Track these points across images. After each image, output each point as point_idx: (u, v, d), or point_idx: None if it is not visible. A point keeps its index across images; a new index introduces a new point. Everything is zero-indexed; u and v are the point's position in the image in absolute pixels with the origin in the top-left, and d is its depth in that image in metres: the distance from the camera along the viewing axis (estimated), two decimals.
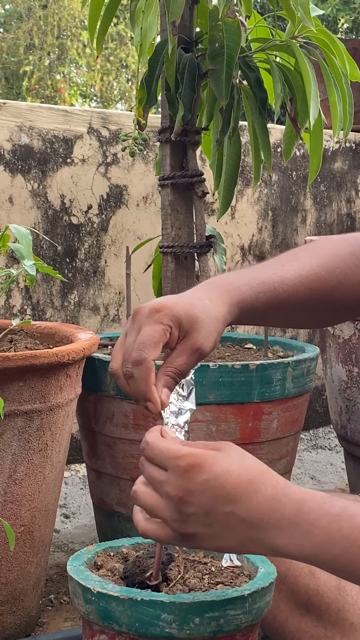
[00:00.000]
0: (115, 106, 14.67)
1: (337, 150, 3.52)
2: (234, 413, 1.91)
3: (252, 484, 0.98)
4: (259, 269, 1.22)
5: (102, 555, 1.27)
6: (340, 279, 1.23)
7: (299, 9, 1.89)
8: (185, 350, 1.10)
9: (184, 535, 1.00)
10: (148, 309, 1.10)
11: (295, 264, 1.22)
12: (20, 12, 14.14)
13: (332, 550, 0.94)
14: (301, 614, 1.26)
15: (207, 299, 1.13)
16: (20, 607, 1.78)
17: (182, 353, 1.10)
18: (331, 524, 0.95)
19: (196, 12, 2.08)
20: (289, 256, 1.26)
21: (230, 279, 1.18)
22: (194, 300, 1.12)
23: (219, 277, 1.19)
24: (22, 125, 2.57)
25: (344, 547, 0.94)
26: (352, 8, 11.04)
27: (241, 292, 1.16)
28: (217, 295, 1.14)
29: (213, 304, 1.13)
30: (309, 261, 1.23)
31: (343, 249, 1.25)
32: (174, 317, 1.09)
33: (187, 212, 2.10)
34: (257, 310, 1.18)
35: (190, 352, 1.10)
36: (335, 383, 2.41)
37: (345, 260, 1.23)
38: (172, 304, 1.10)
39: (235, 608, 1.12)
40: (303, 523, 0.95)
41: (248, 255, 3.20)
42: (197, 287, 1.18)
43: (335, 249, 1.25)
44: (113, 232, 2.80)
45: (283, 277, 1.20)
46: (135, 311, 1.11)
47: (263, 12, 6.09)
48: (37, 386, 1.68)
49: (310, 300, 1.22)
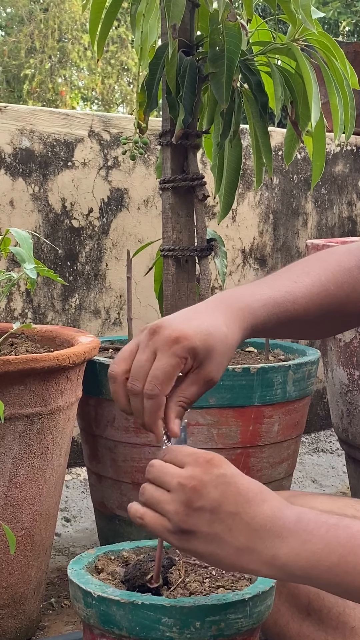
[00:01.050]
0: (116, 109, 14.69)
1: (339, 154, 3.52)
2: (234, 416, 1.91)
3: (261, 493, 1.01)
4: (273, 285, 1.21)
5: (102, 559, 1.27)
6: (349, 292, 1.23)
7: (300, 12, 1.89)
8: (198, 381, 1.11)
9: (183, 531, 1.01)
10: (167, 335, 1.08)
11: (307, 280, 1.22)
12: (22, 15, 14.16)
13: (329, 558, 0.96)
14: (302, 618, 1.26)
15: (225, 325, 1.12)
16: (21, 610, 1.77)
17: (194, 383, 1.11)
18: (328, 532, 0.97)
19: (197, 16, 2.08)
20: (300, 270, 1.25)
21: (247, 298, 1.17)
22: (212, 328, 1.10)
23: (236, 295, 1.18)
24: (23, 128, 2.57)
25: (340, 556, 0.95)
26: (354, 11, 11.05)
27: (257, 315, 1.16)
28: (233, 320, 1.13)
29: (229, 330, 1.12)
30: (319, 276, 1.23)
31: (349, 261, 1.25)
32: (192, 349, 1.08)
33: (188, 215, 2.09)
34: (268, 330, 1.19)
35: (203, 382, 1.11)
36: (336, 386, 2.40)
37: (352, 273, 1.24)
38: (192, 333, 1.08)
39: (236, 612, 1.12)
40: (302, 532, 0.97)
41: (249, 259, 3.20)
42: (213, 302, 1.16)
43: (341, 263, 1.25)
44: (114, 235, 2.80)
45: (296, 297, 1.20)
46: (154, 329, 1.10)
47: (264, 15, 6.09)
48: (37, 390, 1.68)
49: (319, 316, 1.22)
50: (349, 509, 1.28)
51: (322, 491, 2.94)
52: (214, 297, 1.18)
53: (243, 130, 2.80)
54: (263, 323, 1.17)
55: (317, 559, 0.96)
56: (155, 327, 1.09)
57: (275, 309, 1.17)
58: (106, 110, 14.18)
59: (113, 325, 2.82)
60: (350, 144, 3.55)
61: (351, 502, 1.30)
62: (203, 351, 1.09)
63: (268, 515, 0.99)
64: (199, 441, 1.89)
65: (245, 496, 1.00)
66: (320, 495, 1.33)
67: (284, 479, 2.07)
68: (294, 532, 0.98)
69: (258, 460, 1.96)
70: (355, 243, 1.30)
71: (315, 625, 1.24)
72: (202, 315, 1.13)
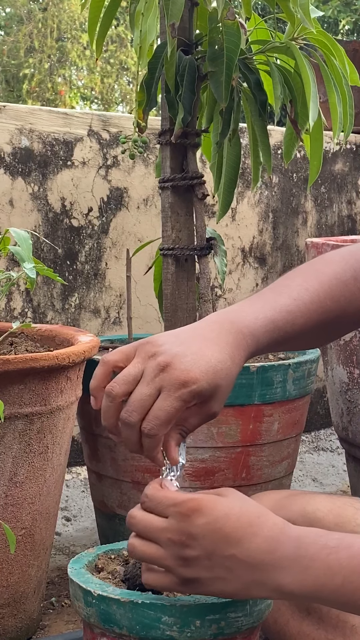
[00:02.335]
0: (116, 108, 14.68)
1: (338, 152, 3.52)
2: (234, 415, 1.91)
3: (250, 527, 1.00)
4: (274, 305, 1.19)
5: (102, 558, 1.27)
6: (345, 306, 1.22)
7: (299, 11, 1.89)
8: (199, 414, 1.11)
9: (186, 580, 1.02)
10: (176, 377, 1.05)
11: (306, 297, 1.20)
12: (21, 15, 14.15)
13: (333, 581, 0.97)
14: (302, 617, 1.26)
15: (230, 357, 1.10)
16: (21, 610, 1.77)
17: (194, 415, 1.11)
18: (329, 555, 0.98)
19: (196, 15, 2.08)
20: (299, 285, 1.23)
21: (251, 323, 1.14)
22: (220, 364, 1.08)
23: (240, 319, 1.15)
24: (22, 128, 2.57)
25: (344, 577, 0.97)
26: (353, 10, 11.05)
27: (260, 342, 1.15)
28: (238, 350, 1.12)
29: (234, 363, 1.10)
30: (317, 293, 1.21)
31: (345, 273, 1.24)
32: (199, 393, 1.07)
33: (188, 214, 2.09)
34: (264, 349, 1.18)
35: (204, 416, 1.11)
36: (336, 385, 2.40)
37: (348, 286, 1.23)
38: (201, 376, 1.06)
39: (236, 611, 1.12)
40: (302, 559, 0.98)
41: (249, 257, 3.20)
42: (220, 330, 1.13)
43: (337, 275, 1.23)
44: (114, 234, 2.80)
45: (295, 317, 1.18)
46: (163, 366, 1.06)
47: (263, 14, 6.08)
48: (37, 389, 1.68)
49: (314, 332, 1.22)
50: (349, 507, 1.28)
51: (323, 490, 2.94)
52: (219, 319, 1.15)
53: (242, 129, 2.80)
54: (263, 348, 1.16)
55: (322, 583, 0.97)
56: (164, 364, 1.06)
57: (276, 333, 1.17)
58: (106, 109, 14.18)
59: (113, 325, 2.82)
60: (349, 143, 3.55)
61: (351, 501, 1.29)
62: (209, 391, 1.08)
63: (264, 549, 1.00)
64: (199, 440, 1.89)
65: (234, 537, 1.00)
66: (319, 495, 1.33)
67: (284, 478, 2.07)
68: (294, 560, 0.99)
69: (258, 459, 1.96)
70: (348, 249, 1.29)
71: (315, 624, 1.25)
72: (209, 348, 1.09)
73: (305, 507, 1.28)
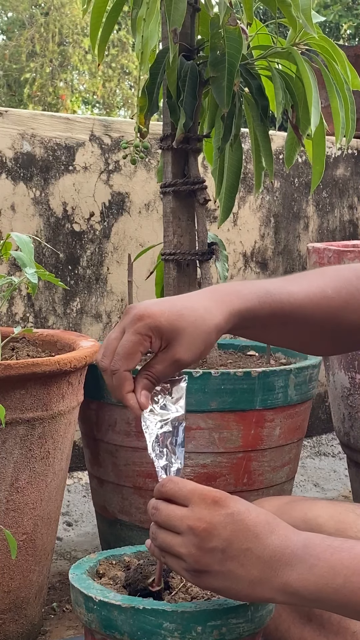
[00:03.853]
0: (117, 113, 14.69)
1: (340, 157, 3.52)
2: (236, 420, 1.91)
3: (268, 524, 1.04)
4: (267, 281, 1.23)
5: (104, 564, 1.27)
6: (347, 299, 1.23)
7: (301, 16, 1.89)
8: (164, 360, 1.13)
9: (197, 571, 1.04)
10: (133, 313, 1.11)
11: (304, 282, 1.23)
12: (22, 19, 14.17)
13: (335, 580, 0.99)
14: (303, 623, 1.26)
15: (203, 307, 1.13)
16: (22, 615, 1.77)
17: (160, 361, 1.13)
18: (333, 555, 1.01)
19: (197, 20, 2.08)
20: (297, 275, 1.28)
21: (237, 286, 1.18)
22: (185, 310, 1.12)
23: (226, 284, 1.20)
24: (24, 133, 2.57)
25: (345, 577, 0.99)
26: (355, 14, 11.05)
27: (246, 299, 1.16)
28: (216, 303, 1.15)
29: (208, 312, 1.13)
30: (316, 280, 1.24)
31: (349, 272, 1.26)
32: (155, 327, 1.11)
33: (189, 219, 2.10)
34: (259, 320, 1.18)
35: (170, 362, 1.13)
36: (338, 390, 2.40)
37: (351, 281, 1.24)
38: (158, 312, 1.11)
39: (238, 617, 1.12)
40: (309, 557, 1.01)
41: (250, 262, 3.20)
42: (201, 290, 1.19)
43: (340, 272, 1.26)
44: (115, 239, 2.80)
45: (290, 291, 1.20)
46: (126, 309, 1.13)
47: (265, 19, 6.09)
48: (39, 394, 1.68)
49: (316, 317, 1.22)
50: (350, 513, 1.27)
51: (324, 495, 2.94)
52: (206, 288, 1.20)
53: (244, 134, 2.80)
54: (254, 310, 1.17)
55: (325, 582, 0.99)
56: (127, 308, 1.13)
57: (267, 297, 1.17)
58: (107, 114, 14.18)
59: None
60: (351, 148, 3.55)
61: (352, 507, 1.29)
62: (169, 331, 1.11)
63: (277, 545, 1.03)
64: (200, 445, 1.89)
65: (253, 531, 1.03)
66: (320, 500, 1.33)
67: (286, 483, 2.07)
68: (301, 558, 1.01)
69: (259, 464, 1.96)
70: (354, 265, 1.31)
71: (317, 631, 1.24)
72: (179, 299, 1.15)
73: (307, 513, 1.28)
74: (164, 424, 1.16)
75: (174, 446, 1.16)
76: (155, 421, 1.15)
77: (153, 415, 1.15)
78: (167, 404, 1.17)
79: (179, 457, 1.15)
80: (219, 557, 1.03)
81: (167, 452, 1.15)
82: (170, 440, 1.16)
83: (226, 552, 1.03)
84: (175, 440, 1.16)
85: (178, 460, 1.14)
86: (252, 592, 1.03)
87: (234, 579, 1.03)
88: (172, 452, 1.15)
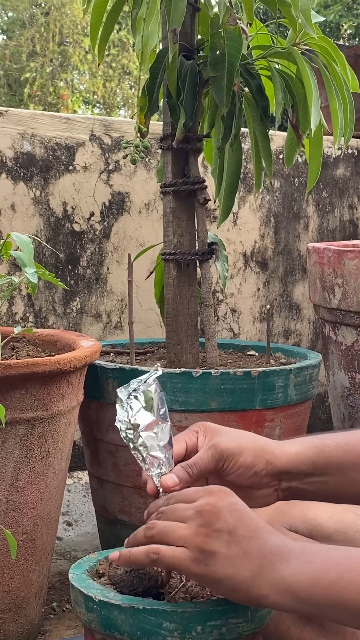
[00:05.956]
0: (118, 112, 14.70)
1: (339, 157, 3.52)
2: (236, 420, 1.91)
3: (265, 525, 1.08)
4: None
5: (104, 564, 1.27)
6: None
7: (300, 16, 1.89)
8: None
9: (203, 552, 1.05)
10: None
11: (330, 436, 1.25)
12: (23, 19, 14.17)
13: (327, 575, 1.01)
14: (303, 623, 1.26)
15: None
16: (22, 615, 1.77)
17: None
18: (328, 552, 1.04)
19: (197, 20, 2.08)
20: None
21: None
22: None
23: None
24: (24, 132, 2.57)
25: (338, 573, 1.00)
26: (355, 14, 11.05)
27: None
28: None
29: None
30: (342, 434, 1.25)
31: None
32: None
33: (189, 219, 2.10)
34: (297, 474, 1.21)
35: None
36: (337, 390, 2.40)
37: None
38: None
39: (238, 616, 1.12)
40: (305, 554, 1.04)
41: (250, 262, 3.20)
42: None
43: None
44: (115, 239, 2.80)
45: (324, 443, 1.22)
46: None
47: (265, 19, 6.09)
48: (39, 394, 1.68)
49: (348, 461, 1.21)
50: (349, 513, 1.28)
51: None
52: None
53: (244, 134, 2.80)
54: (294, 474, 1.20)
55: (318, 576, 1.01)
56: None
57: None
58: (107, 113, 14.19)
59: (114, 329, 2.82)
60: (351, 148, 3.55)
61: (351, 507, 1.29)
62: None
63: (277, 542, 1.06)
64: None
65: (257, 524, 1.06)
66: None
67: None
68: (298, 555, 1.04)
69: None
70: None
71: (316, 631, 1.25)
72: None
73: (307, 513, 1.28)
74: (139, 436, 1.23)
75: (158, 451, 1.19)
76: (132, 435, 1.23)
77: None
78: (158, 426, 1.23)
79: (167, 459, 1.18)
80: (225, 539, 1.04)
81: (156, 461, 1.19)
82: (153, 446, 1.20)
83: (232, 535, 1.05)
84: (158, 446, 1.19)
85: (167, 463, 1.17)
86: (252, 584, 1.03)
87: (236, 566, 1.04)
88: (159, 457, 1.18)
